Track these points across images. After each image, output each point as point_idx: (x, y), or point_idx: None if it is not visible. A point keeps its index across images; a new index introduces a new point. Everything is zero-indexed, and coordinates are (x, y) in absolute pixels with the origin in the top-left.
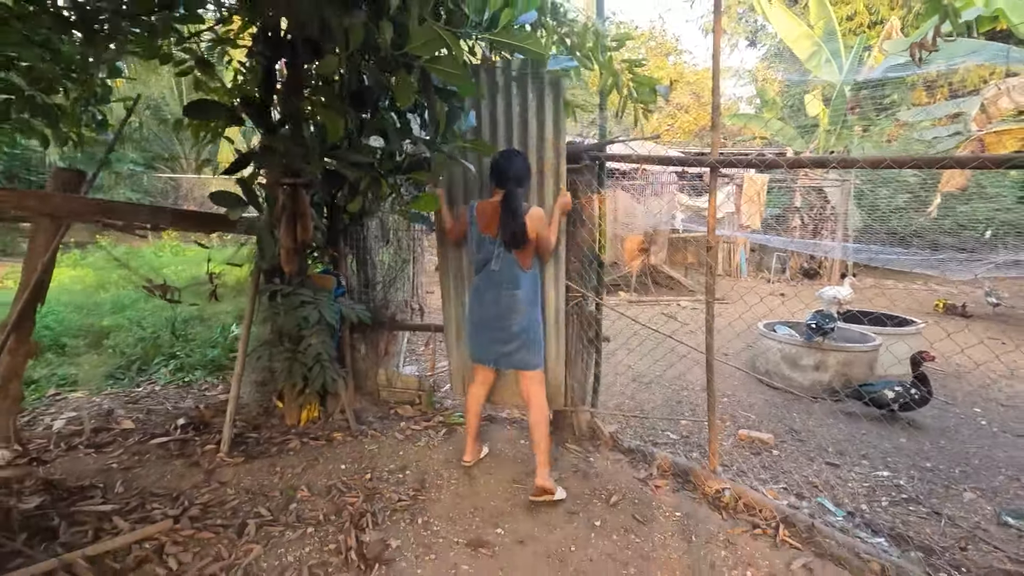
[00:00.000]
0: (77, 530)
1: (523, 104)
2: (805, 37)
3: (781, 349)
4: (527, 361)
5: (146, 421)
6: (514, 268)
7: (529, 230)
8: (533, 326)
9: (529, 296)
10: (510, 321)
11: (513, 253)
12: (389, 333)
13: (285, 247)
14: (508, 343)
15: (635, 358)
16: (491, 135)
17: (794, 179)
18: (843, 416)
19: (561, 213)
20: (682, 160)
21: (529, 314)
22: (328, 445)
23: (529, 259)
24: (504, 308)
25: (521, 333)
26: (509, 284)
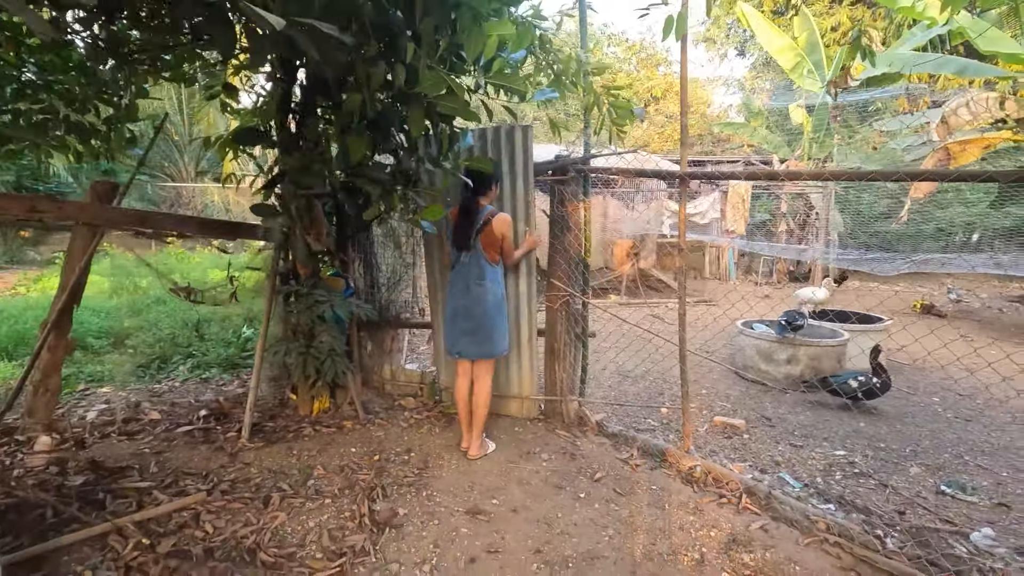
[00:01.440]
0: (121, 502)
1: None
2: (788, 49)
3: (757, 345)
4: (489, 351)
5: (171, 412)
6: (481, 261)
7: (495, 231)
8: (498, 317)
9: (494, 289)
10: (478, 310)
11: (480, 247)
12: (393, 331)
13: (301, 252)
14: (475, 333)
15: (622, 355)
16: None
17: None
18: (811, 405)
19: (526, 250)
20: (656, 173)
21: (494, 305)
22: (339, 432)
23: (495, 255)
24: (472, 299)
25: (486, 322)
26: (477, 276)
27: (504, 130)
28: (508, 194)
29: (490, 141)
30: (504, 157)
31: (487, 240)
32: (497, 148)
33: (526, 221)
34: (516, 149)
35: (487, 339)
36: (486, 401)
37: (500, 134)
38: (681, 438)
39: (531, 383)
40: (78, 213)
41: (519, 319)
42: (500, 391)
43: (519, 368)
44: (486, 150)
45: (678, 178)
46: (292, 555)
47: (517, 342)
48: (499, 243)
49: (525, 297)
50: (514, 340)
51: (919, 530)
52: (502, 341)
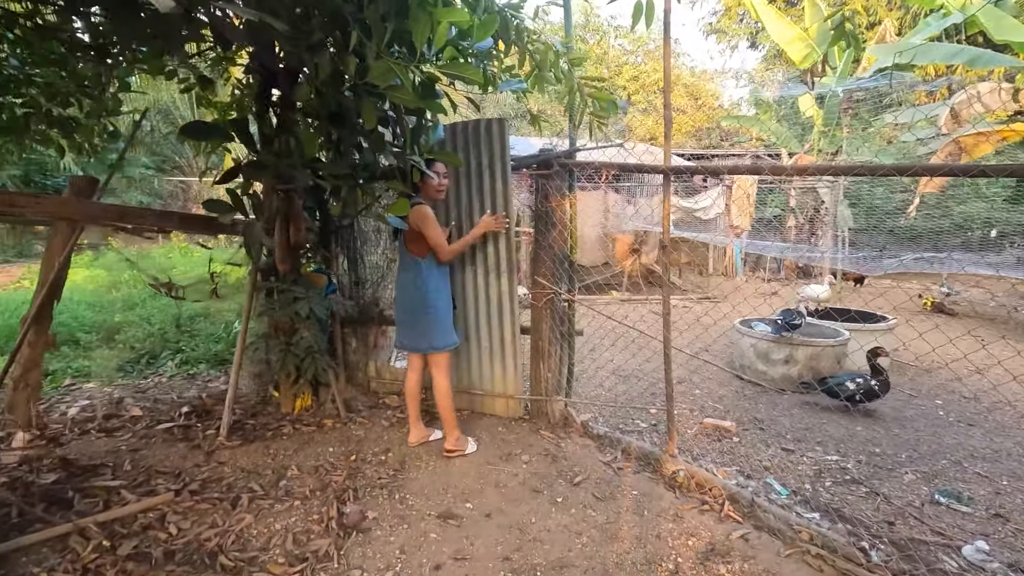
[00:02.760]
0: (89, 501)
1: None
2: (799, 40)
3: (754, 345)
4: (431, 344)
5: (153, 409)
6: (406, 255)
7: (411, 223)
8: (425, 309)
9: (422, 282)
10: (408, 303)
11: (403, 239)
12: (378, 328)
13: (279, 248)
14: (412, 327)
15: (618, 354)
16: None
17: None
18: (807, 407)
19: (480, 232)
20: (638, 167)
21: (424, 297)
22: (319, 431)
23: (413, 244)
24: (403, 291)
25: (419, 316)
26: (402, 266)
27: (482, 125)
28: (488, 190)
29: (468, 136)
30: (482, 152)
31: (407, 232)
32: (476, 142)
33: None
34: (493, 143)
35: (422, 333)
36: (444, 394)
37: (478, 128)
38: (667, 441)
39: (515, 382)
40: (57, 209)
41: (502, 317)
42: (484, 389)
43: (503, 367)
44: (466, 146)
45: (661, 173)
46: (254, 559)
47: (500, 340)
48: (416, 236)
49: (507, 296)
50: (497, 338)
51: (908, 542)
52: (441, 335)
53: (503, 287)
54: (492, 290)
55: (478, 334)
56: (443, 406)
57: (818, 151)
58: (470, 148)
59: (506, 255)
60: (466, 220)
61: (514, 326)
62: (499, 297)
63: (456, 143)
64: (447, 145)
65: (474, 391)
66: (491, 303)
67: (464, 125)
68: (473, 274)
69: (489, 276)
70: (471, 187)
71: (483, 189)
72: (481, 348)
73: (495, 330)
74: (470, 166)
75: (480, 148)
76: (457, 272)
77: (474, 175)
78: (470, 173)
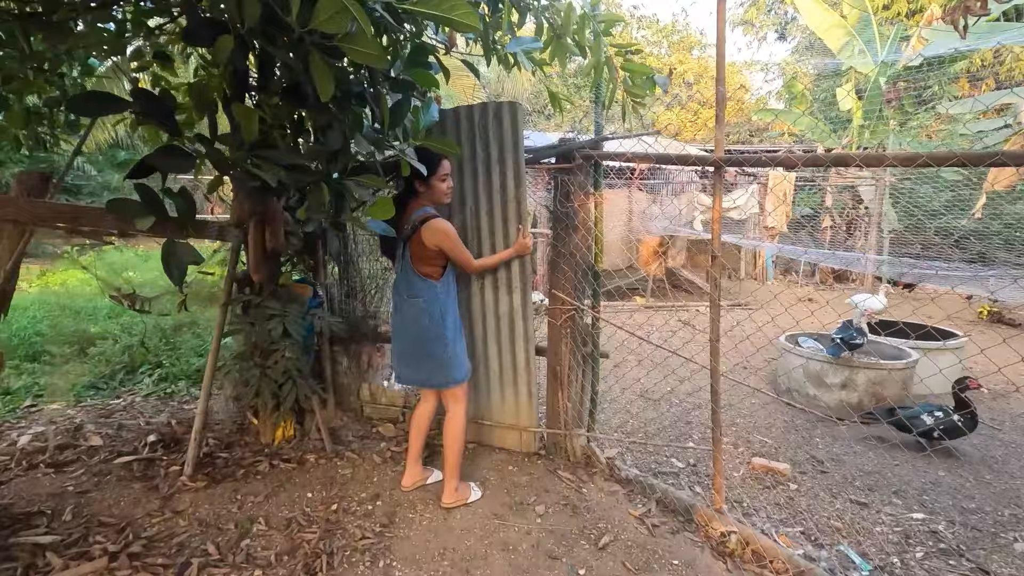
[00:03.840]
0: (7, 567)
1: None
2: (837, 27)
3: (805, 365)
4: (439, 379)
5: (115, 437)
6: (409, 274)
7: (426, 241)
8: (441, 341)
9: (429, 308)
10: (408, 333)
11: (409, 257)
12: (372, 346)
13: (252, 255)
14: (410, 358)
15: (644, 371)
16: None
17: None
18: (873, 442)
19: (511, 255)
20: (682, 158)
21: (428, 328)
22: (299, 468)
23: (426, 266)
24: (408, 318)
25: (419, 347)
26: (408, 291)
27: (490, 109)
28: (497, 189)
29: (474, 122)
30: (491, 142)
31: (416, 251)
32: (483, 131)
33: (517, 219)
34: (504, 132)
35: (437, 368)
36: (455, 436)
37: (485, 114)
38: (711, 490)
39: (529, 413)
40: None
41: (513, 338)
42: (494, 419)
43: (515, 395)
44: (471, 135)
45: (712, 165)
46: None
47: (512, 365)
48: (432, 257)
49: (520, 313)
50: (508, 363)
51: None
52: (445, 370)
53: (515, 303)
54: (502, 306)
55: (486, 356)
56: (451, 447)
57: (858, 147)
58: (476, 138)
59: (519, 267)
60: (471, 222)
61: (527, 350)
62: (510, 314)
63: (458, 132)
64: (445, 134)
65: (482, 421)
66: (501, 320)
67: (468, 110)
68: (480, 287)
69: (499, 291)
70: (476, 185)
71: (492, 188)
72: (490, 372)
73: (506, 352)
74: (476, 159)
75: (488, 138)
76: (461, 286)
77: (481, 170)
78: (476, 168)
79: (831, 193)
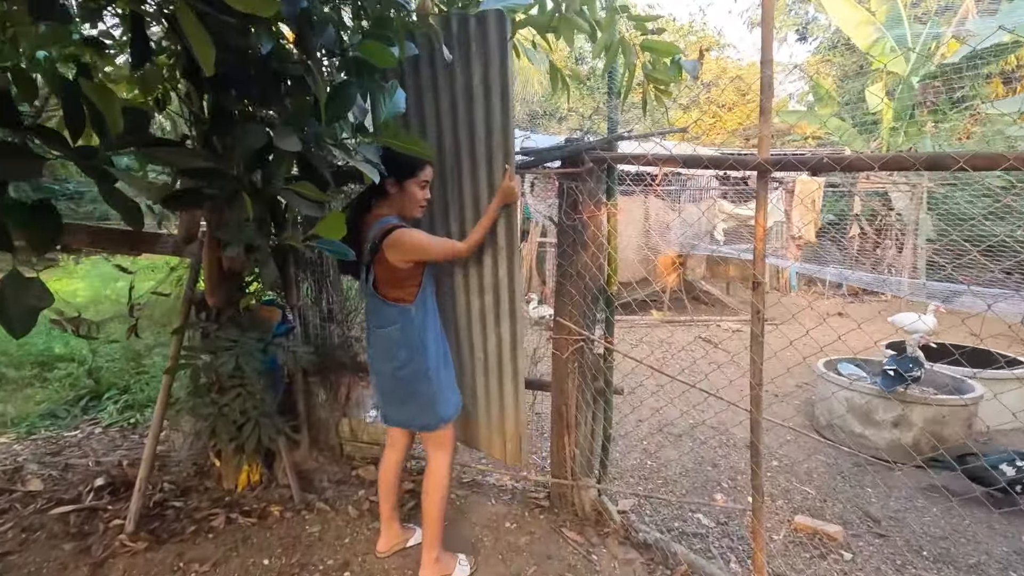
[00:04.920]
0: None
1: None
2: (866, 23)
3: (849, 398)
4: (425, 420)
5: (59, 480)
6: (377, 302)
7: (389, 257)
8: (424, 377)
9: (411, 336)
10: (406, 372)
11: (374, 281)
12: (354, 376)
13: (207, 275)
14: (407, 402)
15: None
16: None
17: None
18: (936, 494)
19: (499, 205)
20: (717, 161)
21: (431, 360)
22: (259, 524)
23: (396, 290)
24: (381, 351)
25: (391, 384)
26: (377, 321)
27: (471, 23)
28: (481, 126)
29: (454, 35)
30: (473, 67)
31: (382, 274)
32: (461, 53)
33: (504, 154)
34: (490, 53)
35: (422, 408)
36: (437, 493)
37: (465, 28)
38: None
39: (516, 415)
40: None
41: (501, 375)
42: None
43: (499, 385)
44: (436, 62)
45: (755, 168)
46: None
47: (500, 404)
48: (402, 278)
49: (508, 344)
50: (495, 393)
51: None
52: (432, 409)
53: (503, 334)
54: (490, 343)
55: (474, 387)
56: (432, 509)
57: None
58: (448, 64)
59: (508, 282)
60: (451, 178)
61: (516, 391)
62: (499, 350)
63: (420, 60)
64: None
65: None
66: (488, 360)
67: (444, 20)
68: (466, 305)
69: (485, 321)
70: (456, 120)
71: (473, 126)
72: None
73: (493, 391)
74: (453, 92)
75: (468, 62)
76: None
77: (461, 99)
78: (455, 97)
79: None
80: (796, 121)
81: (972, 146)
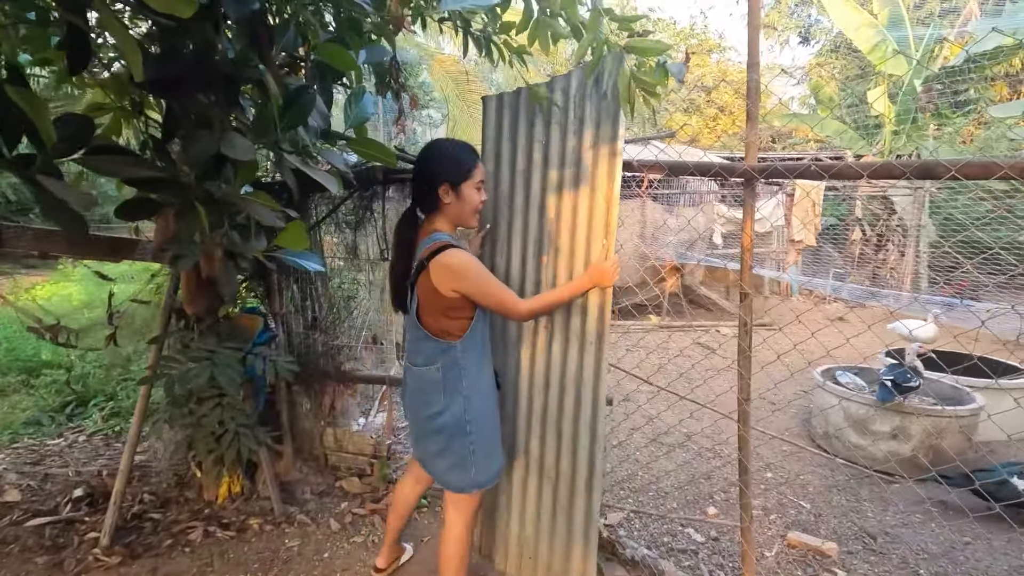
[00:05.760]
0: None
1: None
2: (868, 26)
3: (846, 408)
4: (456, 482)
5: (37, 491)
6: (416, 330)
7: (434, 281)
8: (462, 432)
9: (451, 381)
10: (420, 411)
11: (416, 307)
12: (336, 386)
13: (184, 284)
14: (422, 441)
15: (658, 407)
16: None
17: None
18: (935, 508)
19: (587, 283)
20: (703, 167)
21: (452, 411)
22: (237, 539)
23: (441, 320)
24: (412, 388)
25: (436, 434)
26: (414, 355)
27: (573, 79)
28: (571, 162)
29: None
30: (569, 131)
31: (425, 298)
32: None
33: (605, 225)
34: (601, 118)
35: (436, 461)
36: (452, 555)
37: (568, 87)
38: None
39: (582, 563)
40: None
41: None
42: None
43: (569, 528)
44: (516, 125)
45: (741, 176)
46: None
47: (571, 484)
48: (450, 307)
49: (584, 463)
50: (567, 468)
51: None
52: (465, 471)
53: (587, 361)
54: (570, 364)
55: (526, 454)
56: (447, 566)
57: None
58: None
59: (592, 383)
60: (517, 223)
61: (593, 445)
62: (579, 379)
63: (503, 121)
64: (493, 133)
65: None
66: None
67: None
68: (528, 400)
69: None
70: (550, 186)
71: (564, 163)
72: (525, 523)
73: (565, 450)
74: (533, 120)
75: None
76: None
77: (551, 133)
78: (531, 131)
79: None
80: (798, 124)
81: (973, 150)
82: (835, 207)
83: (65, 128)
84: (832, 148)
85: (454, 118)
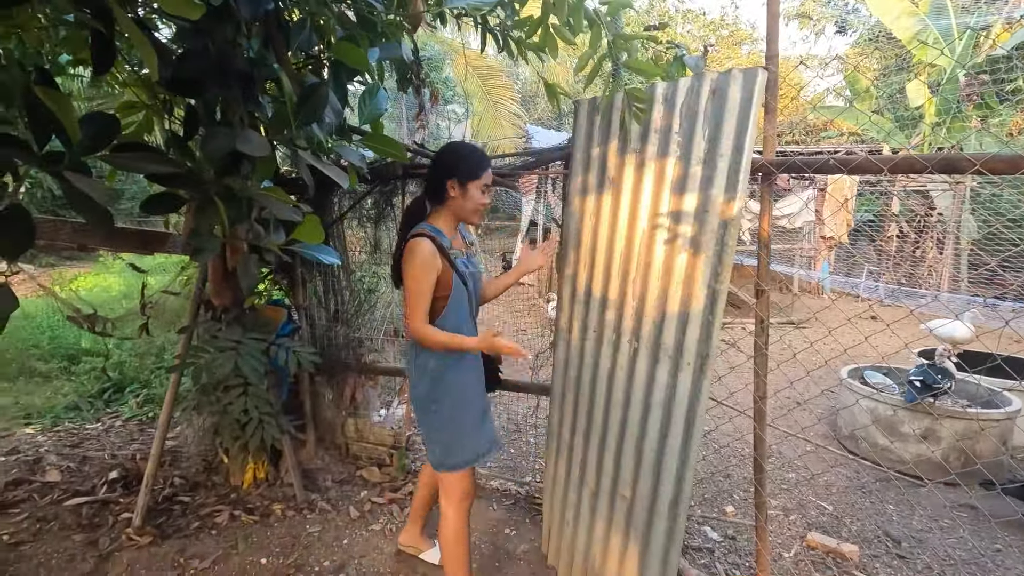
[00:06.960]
0: None
1: None
2: (907, 15)
3: (872, 409)
4: (435, 458)
5: (76, 472)
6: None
7: (403, 263)
8: (423, 407)
9: (418, 359)
10: (416, 391)
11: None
12: (357, 378)
13: (212, 275)
14: (420, 425)
15: None
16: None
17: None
18: (964, 514)
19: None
20: None
21: (418, 385)
22: (261, 523)
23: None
24: (410, 372)
25: (427, 412)
26: (405, 344)
27: (708, 82)
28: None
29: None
30: (700, 135)
31: (403, 276)
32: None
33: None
34: (723, 120)
35: (426, 437)
36: (453, 538)
37: (696, 94)
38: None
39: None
40: None
41: (664, 439)
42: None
43: (643, 548)
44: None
45: (758, 171)
46: None
47: (651, 506)
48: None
49: (667, 495)
50: (645, 492)
51: None
52: (448, 447)
53: (682, 383)
54: (657, 385)
55: (598, 470)
56: (447, 558)
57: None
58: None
59: (687, 407)
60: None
61: (684, 462)
62: (669, 402)
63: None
64: (583, 142)
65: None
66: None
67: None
68: (604, 416)
69: (637, 356)
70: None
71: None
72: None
73: (646, 463)
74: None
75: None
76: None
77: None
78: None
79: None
80: (833, 117)
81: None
82: (871, 203)
83: (90, 126)
84: (870, 142)
85: (478, 113)
